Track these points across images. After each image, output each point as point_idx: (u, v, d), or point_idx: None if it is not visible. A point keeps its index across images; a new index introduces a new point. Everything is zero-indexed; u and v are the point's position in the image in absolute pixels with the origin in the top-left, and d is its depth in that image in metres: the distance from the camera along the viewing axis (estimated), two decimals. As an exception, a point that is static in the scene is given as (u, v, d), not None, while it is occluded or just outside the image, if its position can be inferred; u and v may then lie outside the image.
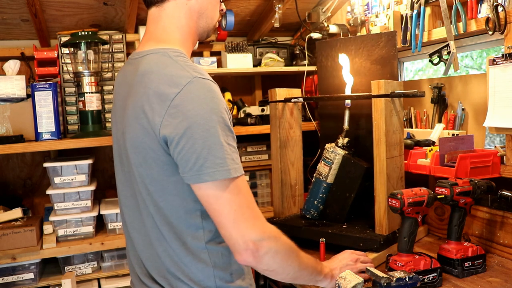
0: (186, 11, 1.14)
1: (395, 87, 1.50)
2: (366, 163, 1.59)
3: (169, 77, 1.02)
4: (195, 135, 0.98)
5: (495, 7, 1.46)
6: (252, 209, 1.03)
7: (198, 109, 0.98)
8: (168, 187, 1.06)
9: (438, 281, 1.30)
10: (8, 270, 1.97)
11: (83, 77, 2.05)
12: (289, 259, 1.10)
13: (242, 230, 1.00)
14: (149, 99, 1.02)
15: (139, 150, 1.06)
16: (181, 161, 1.00)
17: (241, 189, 1.02)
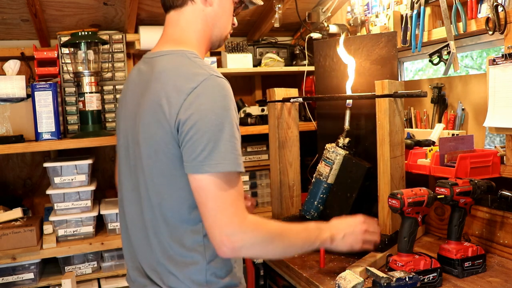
0: (202, 17, 1.21)
1: (397, 87, 1.50)
2: (367, 163, 1.59)
3: (187, 74, 1.08)
4: (204, 128, 1.03)
5: (495, 7, 1.46)
6: (235, 207, 1.06)
7: (211, 104, 1.04)
8: (175, 181, 1.10)
9: (438, 281, 1.31)
10: (8, 270, 1.97)
11: (83, 77, 2.05)
12: (269, 246, 1.12)
13: (220, 225, 1.04)
14: (167, 93, 1.07)
15: (151, 143, 1.10)
16: (187, 150, 1.05)
17: (232, 186, 1.05)
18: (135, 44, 2.29)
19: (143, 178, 1.14)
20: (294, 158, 1.79)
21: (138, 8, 2.13)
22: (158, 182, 1.12)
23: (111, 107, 2.25)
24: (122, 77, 2.27)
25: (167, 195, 1.12)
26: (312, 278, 1.37)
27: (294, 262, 1.51)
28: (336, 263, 1.48)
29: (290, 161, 1.79)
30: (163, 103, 1.07)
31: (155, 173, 1.11)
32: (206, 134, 1.03)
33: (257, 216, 1.12)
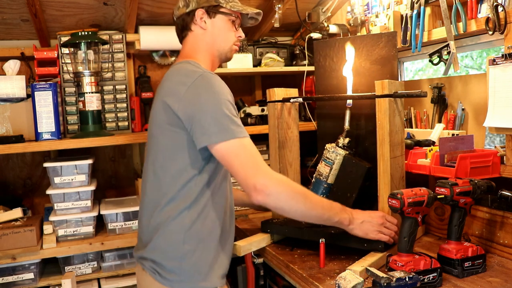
0: (202, 39, 1.50)
1: (397, 87, 1.50)
2: (367, 163, 1.59)
3: (186, 72, 1.39)
4: (205, 110, 1.31)
5: (495, 7, 1.46)
6: (257, 161, 1.31)
7: (208, 92, 1.33)
8: (176, 153, 1.38)
9: (438, 281, 1.30)
10: (8, 270, 1.97)
11: (83, 77, 2.05)
12: (294, 199, 1.33)
13: (250, 176, 1.28)
14: (171, 86, 1.39)
15: (159, 124, 1.41)
16: (195, 130, 1.32)
17: (246, 146, 1.31)
18: (135, 44, 2.29)
19: (153, 152, 1.44)
20: (294, 158, 1.79)
21: (138, 8, 2.13)
22: (162, 156, 1.41)
23: (111, 107, 2.25)
24: (122, 77, 2.27)
25: (169, 162, 1.39)
26: (312, 278, 1.37)
27: (294, 262, 1.51)
28: (336, 263, 1.48)
29: (290, 161, 1.79)
30: (168, 94, 1.38)
31: (161, 147, 1.41)
32: (208, 115, 1.30)
33: None
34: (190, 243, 1.37)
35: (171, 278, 1.36)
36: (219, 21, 1.50)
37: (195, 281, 1.38)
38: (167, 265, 1.37)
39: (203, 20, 1.48)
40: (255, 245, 1.64)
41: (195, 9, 1.47)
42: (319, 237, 1.47)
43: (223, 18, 1.50)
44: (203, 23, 1.48)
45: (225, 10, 1.49)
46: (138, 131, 2.33)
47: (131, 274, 2.16)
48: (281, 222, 1.69)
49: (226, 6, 1.49)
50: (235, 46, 1.54)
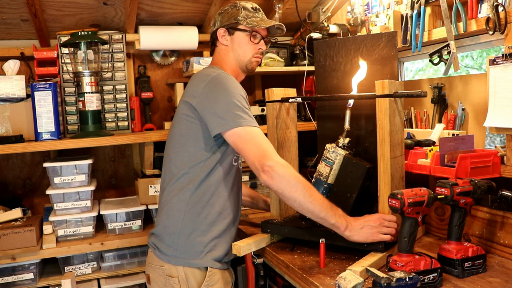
0: (225, 53, 1.68)
1: (397, 87, 1.50)
2: (367, 163, 1.59)
3: (207, 73, 1.57)
4: (219, 101, 1.47)
5: (495, 7, 1.45)
6: (267, 147, 1.44)
7: (222, 87, 1.50)
8: (188, 139, 1.54)
9: (438, 281, 1.30)
10: (8, 270, 1.97)
11: (83, 77, 2.05)
12: (295, 187, 1.40)
13: (258, 158, 1.40)
14: (191, 87, 1.57)
15: (178, 117, 1.59)
16: (210, 119, 1.48)
17: (256, 134, 1.45)
18: (135, 44, 2.29)
19: (170, 141, 1.63)
20: (292, 159, 1.79)
21: (138, 8, 2.13)
22: (177, 142, 1.58)
23: (111, 107, 2.25)
24: (121, 77, 2.27)
25: (181, 148, 1.56)
26: (312, 278, 1.37)
27: (294, 262, 1.51)
28: (336, 263, 1.48)
29: (289, 162, 1.78)
30: (190, 91, 1.56)
31: (177, 135, 1.58)
32: (221, 106, 1.46)
33: None
34: (188, 222, 1.53)
35: (168, 253, 1.53)
36: (238, 37, 1.66)
37: (189, 258, 1.52)
38: (166, 240, 1.54)
39: (224, 38, 1.66)
40: (255, 245, 1.64)
41: (218, 28, 1.66)
42: (319, 237, 1.47)
43: (241, 35, 1.65)
44: (224, 40, 1.66)
45: (242, 27, 1.64)
46: (138, 131, 2.33)
47: (131, 274, 2.16)
48: (281, 222, 1.69)
49: (243, 23, 1.64)
50: (254, 58, 1.68)
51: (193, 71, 2.23)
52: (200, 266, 1.52)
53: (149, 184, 2.15)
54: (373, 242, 1.44)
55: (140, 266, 2.17)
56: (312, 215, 1.42)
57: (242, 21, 1.64)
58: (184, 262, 1.52)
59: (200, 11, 2.34)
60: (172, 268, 1.52)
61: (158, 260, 1.54)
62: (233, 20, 1.65)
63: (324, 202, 1.43)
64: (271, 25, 1.68)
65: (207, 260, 1.53)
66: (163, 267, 1.53)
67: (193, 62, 2.25)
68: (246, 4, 1.68)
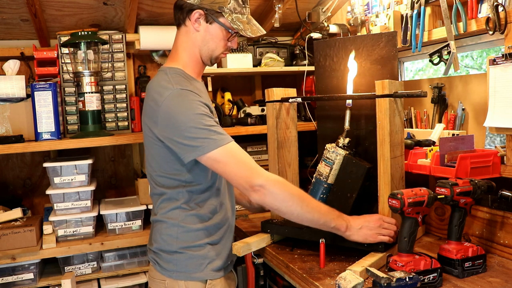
0: (192, 39, 1.46)
1: (397, 87, 1.50)
2: (367, 163, 1.59)
3: (159, 89, 1.39)
4: (182, 129, 1.33)
5: (495, 7, 1.45)
6: (249, 163, 1.34)
7: (179, 111, 1.34)
8: (166, 162, 1.43)
9: (438, 281, 1.30)
10: (8, 270, 1.97)
11: (83, 77, 2.05)
12: (291, 201, 1.35)
13: (245, 179, 1.32)
14: (148, 104, 1.42)
15: (147, 135, 1.46)
16: (177, 148, 1.36)
17: (234, 151, 1.33)
18: (135, 44, 2.29)
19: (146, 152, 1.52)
20: (292, 159, 1.79)
21: (138, 8, 2.13)
22: (152, 165, 1.49)
23: (111, 107, 2.25)
24: (121, 77, 2.27)
25: (160, 178, 1.47)
26: (312, 278, 1.37)
27: (294, 262, 1.51)
28: (336, 263, 1.48)
29: (289, 162, 1.78)
30: (148, 113, 1.43)
31: (150, 157, 1.48)
32: (185, 131, 1.32)
33: None
34: (183, 241, 1.46)
35: (168, 268, 1.47)
36: (214, 29, 1.44)
37: (190, 272, 1.46)
38: (164, 257, 1.48)
39: (198, 22, 1.43)
40: (255, 245, 1.64)
41: (194, 8, 1.41)
42: (319, 237, 1.47)
43: (219, 28, 1.44)
44: (197, 25, 1.43)
45: (224, 22, 1.43)
46: (138, 131, 2.32)
47: (131, 274, 2.16)
48: (281, 222, 1.69)
49: (227, 18, 1.42)
50: (222, 54, 1.51)
51: (193, 71, 2.23)
52: (202, 279, 1.47)
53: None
54: (372, 244, 1.44)
55: (140, 266, 2.17)
56: (312, 223, 1.40)
57: (226, 15, 1.41)
58: (185, 276, 1.46)
59: (200, 11, 2.34)
60: (174, 282, 1.46)
61: (160, 275, 1.49)
62: (216, 8, 1.41)
63: (321, 207, 1.41)
64: (256, 35, 1.46)
65: (207, 272, 1.47)
66: (164, 281, 1.48)
67: (193, 62, 2.24)
68: None
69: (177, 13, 1.46)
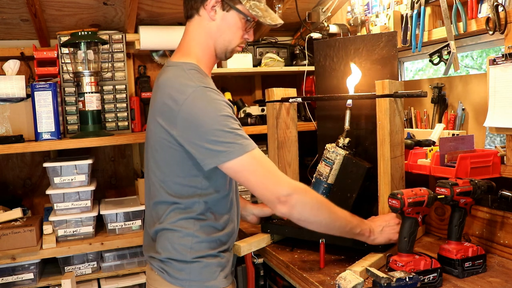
0: (206, 30, 1.35)
1: (397, 87, 1.50)
2: (367, 163, 1.59)
3: (179, 86, 1.26)
4: (206, 132, 1.22)
5: (495, 7, 1.45)
6: (274, 172, 1.25)
7: (203, 112, 1.22)
8: (179, 167, 1.31)
9: (438, 281, 1.30)
10: (8, 270, 1.97)
11: (83, 77, 2.05)
12: (319, 210, 1.28)
13: (271, 189, 1.23)
14: (163, 102, 1.28)
15: (157, 138, 1.32)
16: (198, 153, 1.24)
17: (259, 159, 1.24)
18: (135, 44, 2.29)
19: (151, 165, 1.39)
20: (293, 159, 1.79)
21: (138, 8, 2.13)
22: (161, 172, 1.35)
23: (111, 107, 2.25)
24: (122, 77, 2.27)
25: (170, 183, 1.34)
26: (312, 278, 1.37)
27: (294, 262, 1.51)
28: (336, 263, 1.48)
29: (289, 162, 1.78)
30: (163, 110, 1.28)
31: (160, 163, 1.35)
32: (207, 134, 1.21)
33: None
34: (198, 250, 1.35)
35: (180, 277, 1.35)
36: (232, 17, 1.34)
37: (204, 280, 1.36)
38: (175, 265, 1.35)
39: (214, 10, 1.33)
40: (255, 245, 1.64)
41: None
42: (319, 237, 1.47)
43: (237, 16, 1.34)
44: (213, 13, 1.33)
45: (242, 9, 1.34)
46: (138, 131, 2.32)
47: (131, 274, 2.16)
48: (281, 222, 1.69)
49: (245, 5, 1.33)
50: (238, 47, 1.41)
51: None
52: (216, 287, 1.37)
53: (149, 184, 2.14)
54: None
55: (140, 266, 2.17)
56: (339, 231, 1.33)
57: (244, 1, 1.33)
58: (199, 285, 1.35)
59: (200, 11, 2.34)
60: None
61: (169, 285, 1.36)
62: None
63: (345, 214, 1.34)
64: (275, 23, 1.38)
65: (220, 280, 1.38)
66: None
67: (193, 62, 2.24)
68: None
69: (189, 3, 1.37)
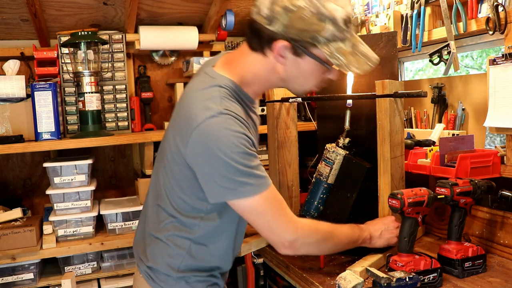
0: (271, 69, 1.17)
1: (397, 87, 1.50)
2: (367, 163, 1.59)
3: (199, 104, 1.12)
4: (215, 164, 1.09)
5: (495, 7, 1.45)
6: (283, 215, 1.17)
7: (216, 141, 1.07)
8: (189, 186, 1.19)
9: (438, 281, 1.30)
10: (8, 270, 1.97)
11: (83, 77, 2.05)
12: (323, 244, 1.27)
13: (277, 234, 1.17)
14: (184, 115, 1.14)
15: (172, 152, 1.19)
16: (205, 185, 1.14)
17: (270, 199, 1.14)
18: (135, 44, 2.29)
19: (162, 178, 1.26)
20: (293, 159, 1.79)
21: (138, 8, 2.13)
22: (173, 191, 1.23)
23: (111, 107, 2.25)
24: (122, 77, 2.27)
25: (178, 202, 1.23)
26: (312, 278, 1.37)
27: (294, 262, 1.51)
28: (336, 263, 1.48)
29: (289, 162, 1.78)
30: (180, 129, 1.15)
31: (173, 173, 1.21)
32: (218, 169, 1.09)
33: (307, 219, 1.26)
34: (185, 269, 1.27)
35: (164, 286, 1.28)
36: (306, 63, 1.13)
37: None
38: (161, 276, 1.28)
39: (282, 55, 1.12)
40: (255, 245, 1.64)
41: (277, 38, 1.10)
42: (319, 237, 1.47)
43: (312, 63, 1.13)
44: (280, 58, 1.13)
45: (319, 54, 1.12)
46: (138, 131, 2.32)
47: (131, 274, 2.16)
48: (281, 222, 1.69)
49: (324, 50, 1.10)
50: (315, 88, 1.24)
51: (193, 71, 2.23)
52: None
53: (149, 184, 2.14)
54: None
55: (140, 266, 2.17)
56: (343, 249, 1.35)
57: (322, 45, 1.09)
58: None
59: (200, 11, 2.34)
60: None
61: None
62: (307, 38, 1.08)
63: (347, 232, 1.33)
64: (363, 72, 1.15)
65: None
66: None
67: (193, 62, 2.25)
68: (336, 13, 1.07)
69: (252, 37, 1.16)
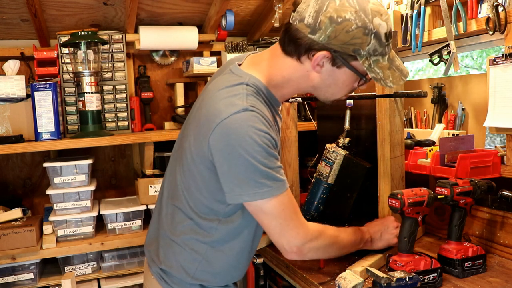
0: (303, 76, 1.17)
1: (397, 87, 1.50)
2: (367, 163, 1.59)
3: (224, 100, 1.12)
4: (235, 162, 1.09)
5: (495, 7, 1.45)
6: (296, 219, 1.19)
7: (240, 139, 1.07)
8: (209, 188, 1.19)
9: (438, 281, 1.30)
10: (8, 270, 1.97)
11: (83, 77, 2.05)
12: (330, 249, 1.29)
13: (287, 239, 1.18)
14: (207, 111, 1.14)
15: (192, 152, 1.19)
16: (224, 183, 1.14)
17: (285, 203, 1.15)
18: (135, 44, 2.29)
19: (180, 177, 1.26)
20: (293, 159, 1.79)
21: (138, 8, 2.13)
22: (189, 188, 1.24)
23: (111, 107, 2.25)
24: (122, 77, 2.27)
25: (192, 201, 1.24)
26: (312, 278, 1.37)
27: (294, 262, 1.51)
28: (336, 263, 1.48)
29: (289, 162, 1.78)
30: (202, 126, 1.14)
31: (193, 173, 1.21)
32: (237, 168, 1.09)
33: (315, 223, 1.26)
34: (200, 277, 1.27)
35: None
36: (343, 74, 1.14)
37: None
38: (175, 279, 1.29)
39: (320, 64, 1.12)
40: (255, 245, 1.64)
41: (317, 47, 1.10)
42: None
43: (349, 74, 1.14)
44: (318, 67, 1.13)
45: (357, 67, 1.13)
46: (138, 131, 2.32)
47: (131, 274, 2.16)
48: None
49: (363, 63, 1.11)
50: (343, 97, 1.24)
51: (193, 71, 2.23)
52: None
53: (149, 184, 2.14)
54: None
55: (140, 266, 2.17)
56: (346, 253, 1.37)
57: (362, 59, 1.10)
58: None
59: (200, 11, 2.34)
60: None
61: None
62: (350, 51, 1.09)
63: (350, 236, 1.35)
64: (402, 81, 1.19)
65: None
66: None
67: (193, 62, 2.24)
68: (380, 29, 1.08)
69: (289, 43, 1.16)
